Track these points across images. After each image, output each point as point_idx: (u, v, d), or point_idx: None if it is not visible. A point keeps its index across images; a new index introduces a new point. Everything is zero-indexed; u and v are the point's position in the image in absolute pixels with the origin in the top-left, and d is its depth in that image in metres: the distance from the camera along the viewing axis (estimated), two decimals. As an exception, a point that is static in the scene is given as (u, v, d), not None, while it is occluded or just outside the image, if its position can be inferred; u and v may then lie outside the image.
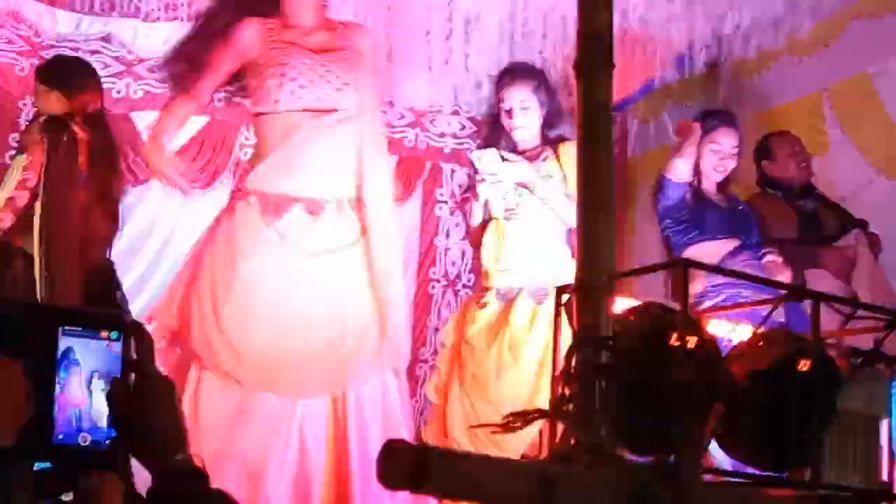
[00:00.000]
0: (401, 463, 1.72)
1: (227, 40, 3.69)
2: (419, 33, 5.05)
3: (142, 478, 1.49)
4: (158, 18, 5.12)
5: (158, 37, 5.18)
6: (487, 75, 5.42)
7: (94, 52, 5.11)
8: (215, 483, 1.48)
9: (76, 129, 4.14)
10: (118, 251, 4.99)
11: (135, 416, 1.49)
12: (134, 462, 1.51)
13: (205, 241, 3.69)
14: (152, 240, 5.11)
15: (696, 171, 4.43)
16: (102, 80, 5.02)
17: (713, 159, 4.43)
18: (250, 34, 3.67)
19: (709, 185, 4.46)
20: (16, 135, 4.56)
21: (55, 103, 4.22)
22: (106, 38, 5.12)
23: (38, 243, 4.00)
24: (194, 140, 5.23)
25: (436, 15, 4.98)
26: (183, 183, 3.94)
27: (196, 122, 5.21)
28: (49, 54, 4.97)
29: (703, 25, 4.86)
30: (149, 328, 1.60)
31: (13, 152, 4.37)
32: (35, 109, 4.32)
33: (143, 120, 5.19)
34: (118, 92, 5.14)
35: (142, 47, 5.18)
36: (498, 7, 4.92)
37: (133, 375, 1.50)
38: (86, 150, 4.18)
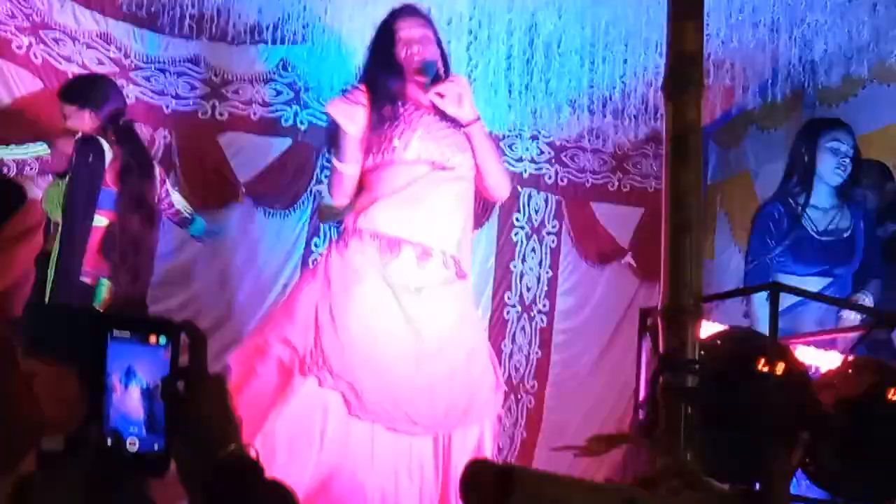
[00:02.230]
0: (484, 483, 1.72)
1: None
2: (500, 58, 5.07)
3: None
4: (245, 42, 5.22)
5: (244, 60, 5.28)
6: (567, 100, 5.44)
7: (180, 74, 5.21)
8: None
9: (105, 146, 4.28)
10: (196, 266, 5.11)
11: (185, 411, 1.50)
12: None
13: (309, 273, 3.85)
14: (237, 258, 5.17)
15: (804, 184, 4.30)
16: (190, 100, 5.17)
17: (832, 160, 4.32)
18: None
19: (820, 199, 4.31)
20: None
21: (85, 121, 4.35)
22: (193, 60, 5.21)
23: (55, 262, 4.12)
24: (277, 160, 5.29)
25: (517, 39, 5.00)
26: None
27: (280, 144, 5.30)
28: (139, 76, 5.09)
29: (787, 52, 4.81)
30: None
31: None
32: (65, 130, 4.42)
33: (228, 141, 5.29)
34: (204, 114, 5.23)
35: (228, 70, 5.26)
36: (579, 32, 4.92)
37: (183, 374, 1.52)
38: (117, 165, 4.31)
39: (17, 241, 4.40)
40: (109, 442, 1.49)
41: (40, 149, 4.37)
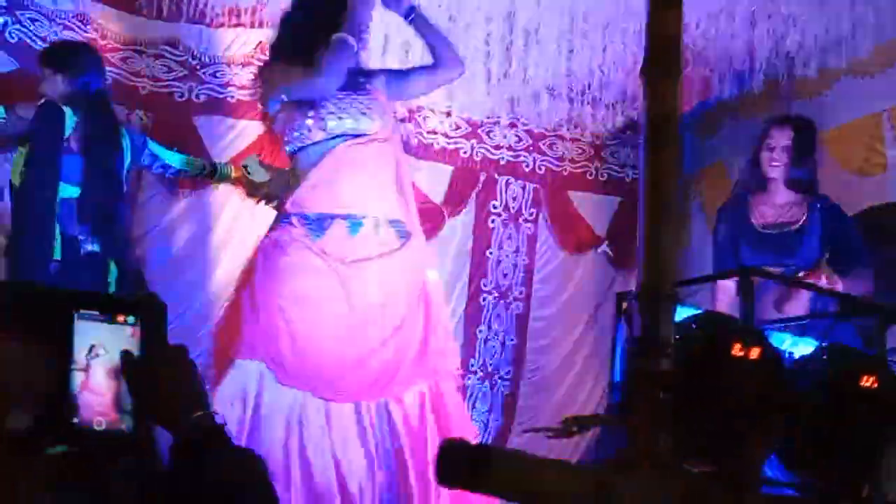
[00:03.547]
0: (458, 461, 1.73)
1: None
2: (478, 44, 5.07)
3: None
4: (223, 24, 5.19)
5: (222, 42, 5.25)
6: (545, 87, 5.44)
7: (158, 56, 5.18)
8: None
9: (67, 112, 4.27)
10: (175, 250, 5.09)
11: (148, 382, 1.50)
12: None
13: (254, 255, 3.84)
14: (212, 241, 5.14)
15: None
16: (167, 83, 5.14)
17: (767, 155, 4.43)
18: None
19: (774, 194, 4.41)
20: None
21: (58, 86, 4.32)
22: (170, 42, 5.18)
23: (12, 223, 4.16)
24: (254, 143, 5.27)
25: (495, 26, 5.00)
26: None
27: (257, 127, 5.28)
28: (116, 57, 5.05)
29: (764, 43, 4.83)
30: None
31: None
32: (39, 94, 4.40)
33: (205, 124, 5.26)
34: (180, 96, 5.20)
35: (206, 52, 5.23)
36: (558, 19, 4.92)
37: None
38: (81, 133, 4.29)
39: None
40: (75, 421, 1.49)
41: None
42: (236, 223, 5.16)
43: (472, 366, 5.75)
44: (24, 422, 1.45)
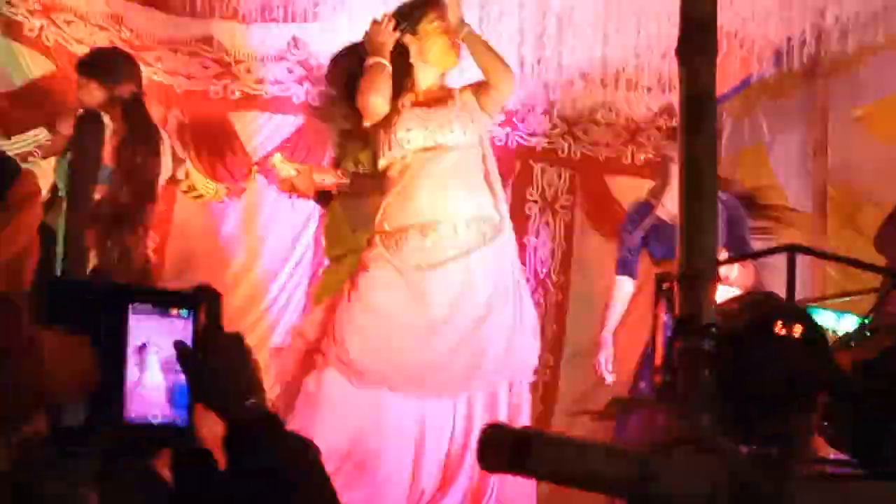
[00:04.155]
0: (501, 446, 1.73)
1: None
2: (512, 32, 5.06)
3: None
4: (256, 21, 5.22)
5: (255, 39, 5.28)
6: (580, 73, 5.42)
7: (192, 54, 5.21)
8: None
9: (108, 121, 4.30)
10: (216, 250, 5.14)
11: (202, 369, 1.51)
12: None
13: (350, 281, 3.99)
14: (252, 233, 5.18)
15: None
16: (202, 80, 5.18)
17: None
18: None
19: None
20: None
21: (95, 93, 4.36)
22: (204, 40, 5.21)
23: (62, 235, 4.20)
24: (290, 138, 5.30)
25: (528, 12, 4.98)
26: None
27: (292, 122, 5.30)
28: (151, 56, 5.09)
29: (801, 21, 4.78)
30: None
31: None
32: (77, 103, 4.44)
33: (239, 120, 5.30)
34: (216, 93, 5.24)
35: (239, 49, 5.27)
36: (591, 4, 4.90)
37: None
38: (115, 140, 4.33)
39: (18, 209, 4.41)
40: (132, 416, 1.50)
41: (40, 136, 4.38)
42: (275, 215, 5.19)
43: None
44: (80, 417, 1.46)
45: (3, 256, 1.85)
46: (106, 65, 4.46)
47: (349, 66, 4.04)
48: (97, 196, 4.29)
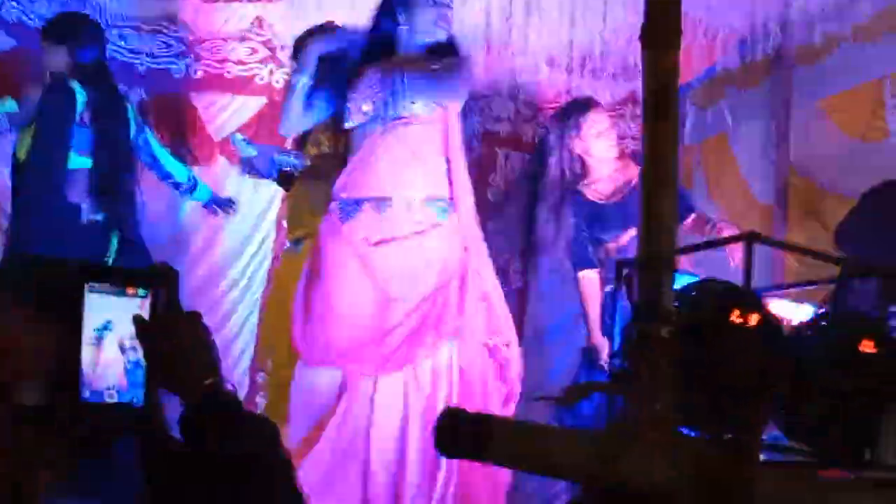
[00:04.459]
0: (460, 431, 1.73)
1: None
2: (478, 17, 5.04)
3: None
4: (220, -1, 5.18)
5: (219, 18, 5.23)
6: (546, 58, 5.40)
7: (155, 33, 5.15)
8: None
9: (76, 85, 4.28)
10: (178, 231, 5.09)
11: (162, 346, 1.49)
12: None
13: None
14: (209, 219, 5.13)
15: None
16: (165, 59, 5.12)
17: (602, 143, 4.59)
18: None
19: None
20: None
21: (60, 58, 4.31)
22: (168, 18, 5.16)
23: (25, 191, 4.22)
24: (252, 120, 5.26)
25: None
26: None
27: (254, 104, 5.26)
28: (114, 34, 5.03)
29: (766, 10, 4.80)
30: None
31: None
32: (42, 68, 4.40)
33: (202, 100, 5.25)
34: (178, 72, 5.18)
35: (202, 27, 5.21)
36: (559, -13, 4.89)
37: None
38: (88, 105, 4.30)
39: None
40: (87, 395, 1.48)
41: (7, 105, 4.33)
42: (238, 196, 5.15)
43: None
44: (36, 397, 1.44)
45: None
46: (70, 29, 4.42)
47: (315, 48, 4.00)
48: (89, 164, 4.26)
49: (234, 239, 5.17)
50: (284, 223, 4.75)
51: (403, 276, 3.80)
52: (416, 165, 3.88)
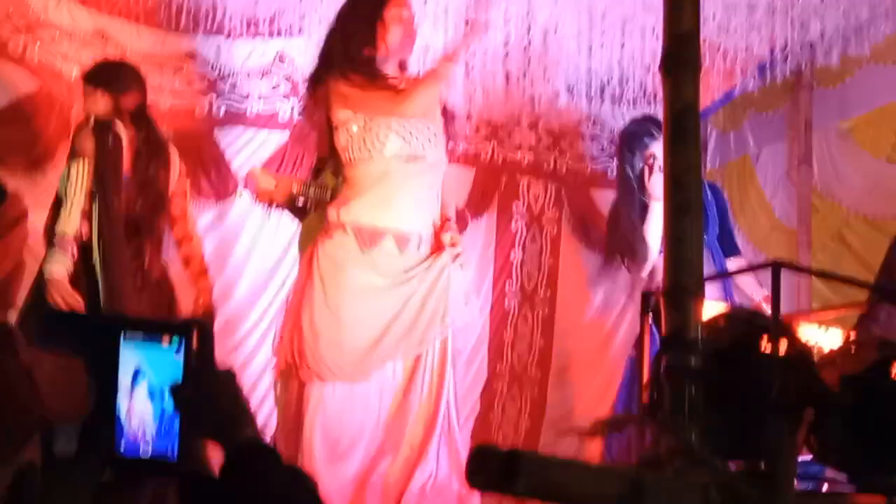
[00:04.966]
0: (490, 466, 1.72)
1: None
2: (497, 45, 5.07)
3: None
4: (241, 35, 5.21)
5: (241, 54, 5.27)
6: (565, 86, 5.42)
7: (177, 70, 5.20)
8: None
9: (120, 130, 4.30)
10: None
11: (196, 406, 1.50)
12: None
13: (307, 262, 4.04)
14: (236, 251, 5.15)
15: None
16: (188, 96, 5.17)
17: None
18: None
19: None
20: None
21: (100, 104, 4.34)
22: (190, 55, 5.20)
23: (98, 247, 4.17)
24: (275, 154, 5.29)
25: (513, 26, 4.99)
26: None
27: (278, 138, 5.29)
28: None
29: (785, 33, 4.79)
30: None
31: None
32: (84, 113, 4.42)
33: (225, 136, 5.29)
34: (201, 110, 5.22)
35: (224, 64, 5.26)
36: (576, 17, 4.91)
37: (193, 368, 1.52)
38: (131, 149, 4.33)
39: (5, 234, 4.38)
40: (123, 446, 1.50)
41: (82, 162, 4.30)
42: (260, 233, 5.17)
43: (500, 370, 5.73)
44: (71, 446, 1.46)
45: None
46: (113, 74, 4.45)
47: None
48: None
49: (257, 276, 5.19)
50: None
51: (402, 305, 3.91)
52: (427, 204, 4.02)
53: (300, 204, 4.39)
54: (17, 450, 1.45)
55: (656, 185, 4.46)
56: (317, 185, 4.34)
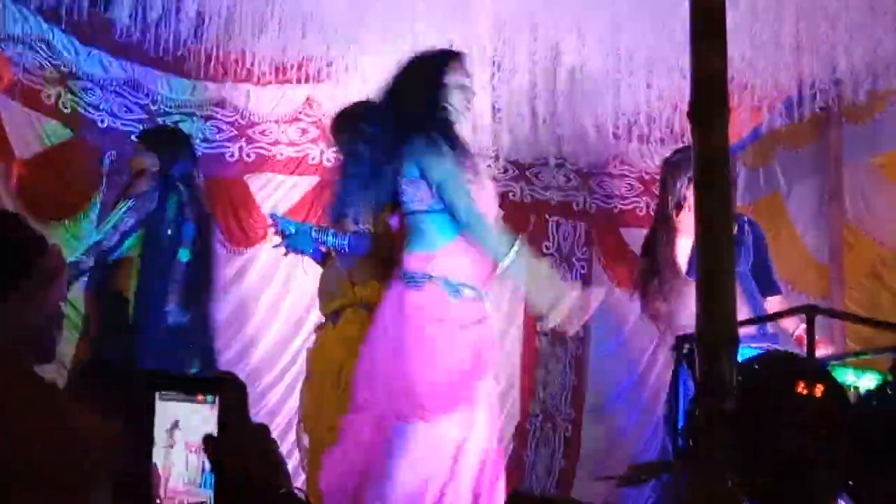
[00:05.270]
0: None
1: None
2: (524, 87, 5.08)
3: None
4: (270, 82, 5.27)
5: (269, 100, 5.32)
6: (593, 126, 5.42)
7: (208, 118, 5.26)
8: None
9: (181, 188, 4.39)
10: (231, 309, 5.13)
11: (230, 465, 1.51)
12: None
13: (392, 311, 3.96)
14: (265, 297, 5.17)
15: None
16: (218, 143, 5.22)
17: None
18: None
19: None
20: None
21: (151, 162, 4.42)
22: (219, 103, 5.26)
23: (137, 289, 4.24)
24: (304, 199, 5.32)
25: (540, 68, 5.01)
26: None
27: (307, 183, 5.32)
28: (169, 121, 5.14)
29: (812, 69, 4.78)
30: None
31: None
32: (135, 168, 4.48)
33: (255, 182, 5.33)
34: (231, 156, 5.27)
35: (254, 111, 5.31)
36: (603, 57, 4.92)
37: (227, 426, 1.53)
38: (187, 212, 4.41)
39: (43, 286, 4.43)
40: (157, 499, 1.51)
41: (128, 203, 4.38)
42: (290, 280, 5.18)
43: (533, 409, 5.70)
44: (106, 501, 1.46)
45: (25, 333, 1.86)
46: (167, 139, 4.53)
47: (352, 124, 4.08)
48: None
49: (288, 321, 5.20)
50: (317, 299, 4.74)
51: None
52: (486, 261, 3.93)
53: (322, 249, 4.41)
54: None
55: (686, 220, 4.45)
56: (336, 232, 4.35)
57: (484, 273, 3.93)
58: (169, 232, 4.37)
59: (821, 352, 3.68)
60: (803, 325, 3.91)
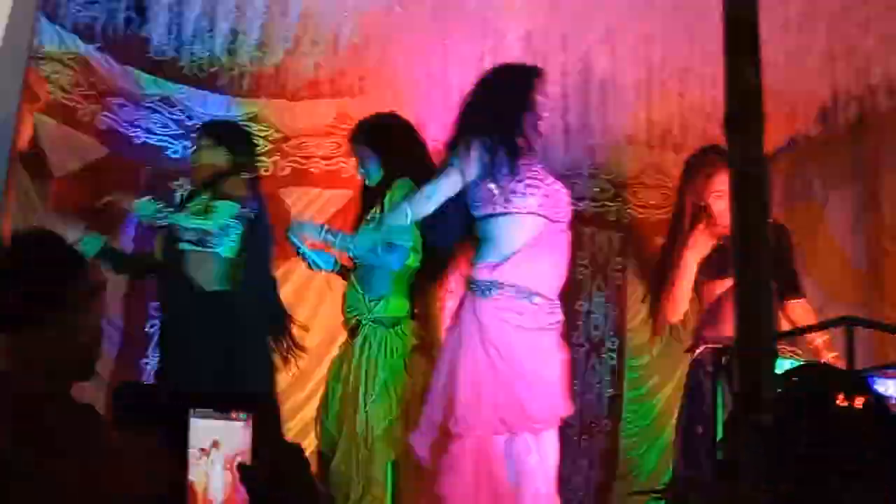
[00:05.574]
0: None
1: None
2: (556, 98, 5.08)
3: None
4: (303, 97, 5.29)
5: (303, 115, 5.35)
6: (625, 136, 5.41)
7: (243, 133, 5.28)
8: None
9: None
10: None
11: (267, 483, 1.52)
12: None
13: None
14: (300, 311, 5.17)
15: None
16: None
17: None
18: None
19: None
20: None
21: (222, 158, 4.40)
22: (254, 119, 5.29)
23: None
24: (339, 213, 5.34)
25: (572, 79, 5.01)
26: None
27: (341, 197, 5.34)
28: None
29: (846, 77, 4.75)
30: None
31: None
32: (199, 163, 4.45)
33: (289, 196, 5.35)
34: (266, 170, 5.30)
35: (287, 126, 5.34)
36: (634, 67, 4.91)
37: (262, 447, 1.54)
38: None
39: (81, 308, 4.46)
40: None
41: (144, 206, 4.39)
42: (325, 295, 5.19)
43: (570, 419, 5.67)
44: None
45: (64, 355, 1.86)
46: (236, 135, 4.53)
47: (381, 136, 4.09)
48: None
49: (322, 336, 5.20)
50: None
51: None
52: (561, 270, 4.09)
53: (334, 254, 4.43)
54: None
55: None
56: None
57: (553, 280, 4.00)
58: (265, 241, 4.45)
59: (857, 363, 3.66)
60: (822, 339, 3.90)
